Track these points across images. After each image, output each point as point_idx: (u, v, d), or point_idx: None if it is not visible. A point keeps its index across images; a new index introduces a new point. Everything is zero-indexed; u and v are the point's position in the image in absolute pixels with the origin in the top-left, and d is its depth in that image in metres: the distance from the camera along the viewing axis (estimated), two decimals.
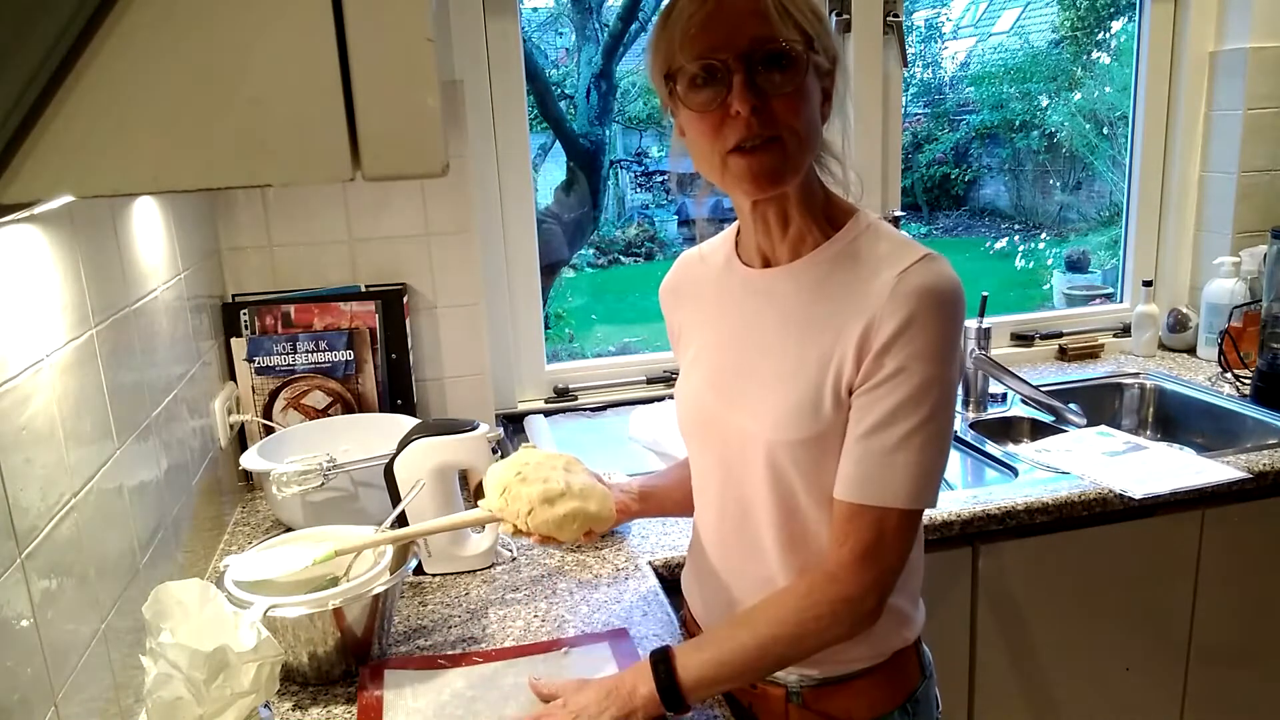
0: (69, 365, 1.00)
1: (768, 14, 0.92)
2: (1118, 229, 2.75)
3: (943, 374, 0.93)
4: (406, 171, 0.74)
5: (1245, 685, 1.82)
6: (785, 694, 1.08)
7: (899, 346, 0.93)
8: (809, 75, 0.94)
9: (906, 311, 0.92)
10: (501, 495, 1.17)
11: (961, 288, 0.95)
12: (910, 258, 0.95)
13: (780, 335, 1.02)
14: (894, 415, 0.93)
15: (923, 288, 0.93)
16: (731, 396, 1.06)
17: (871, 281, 0.95)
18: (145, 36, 0.68)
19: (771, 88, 0.93)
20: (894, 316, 0.93)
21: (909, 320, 0.92)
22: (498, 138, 1.95)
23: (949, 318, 0.94)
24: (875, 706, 1.07)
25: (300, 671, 1.14)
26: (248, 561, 1.20)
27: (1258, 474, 1.66)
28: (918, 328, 0.92)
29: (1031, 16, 7.35)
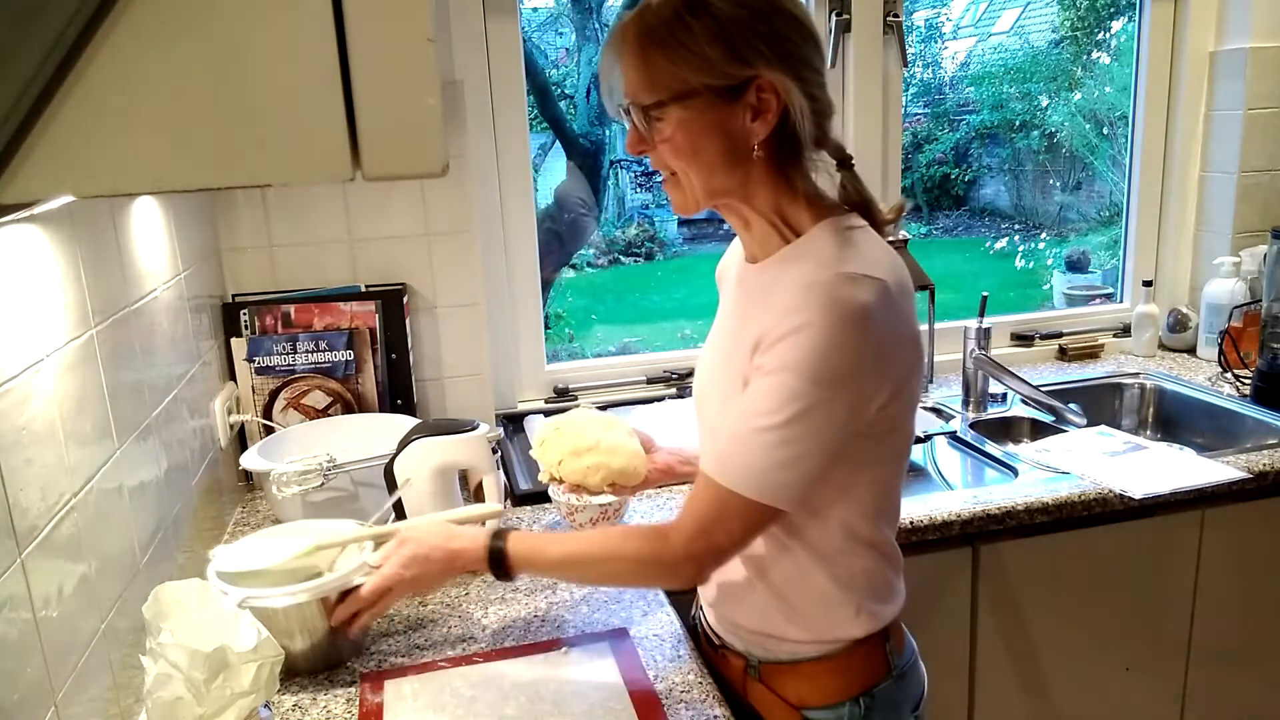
0: (69, 365, 1.00)
1: (632, 73, 0.99)
2: (1118, 229, 2.75)
3: (809, 384, 0.92)
4: (406, 171, 0.74)
5: (1245, 685, 1.82)
6: (744, 666, 1.14)
7: (779, 348, 0.94)
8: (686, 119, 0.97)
9: (798, 317, 0.93)
10: (541, 445, 1.34)
11: (867, 307, 0.93)
12: (831, 270, 0.95)
13: (736, 325, 1.08)
14: (753, 406, 0.96)
15: (820, 298, 0.93)
16: (710, 377, 1.13)
17: (795, 283, 0.96)
18: (145, 36, 0.68)
19: (654, 132, 1.00)
20: (788, 319, 0.94)
21: (796, 325, 0.93)
22: (498, 138, 1.95)
23: (834, 331, 0.92)
24: (825, 694, 1.09)
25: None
26: (233, 553, 1.21)
27: (1258, 474, 1.66)
28: (799, 334, 0.93)
29: (1031, 16, 7.35)
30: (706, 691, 1.11)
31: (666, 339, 5.80)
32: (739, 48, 0.94)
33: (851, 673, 1.09)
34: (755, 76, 0.95)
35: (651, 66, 0.97)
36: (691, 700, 1.09)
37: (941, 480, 1.83)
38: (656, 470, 1.35)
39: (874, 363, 0.95)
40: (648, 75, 0.97)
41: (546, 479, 1.35)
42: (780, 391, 0.94)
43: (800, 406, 0.93)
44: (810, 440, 0.95)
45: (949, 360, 2.19)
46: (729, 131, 0.98)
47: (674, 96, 0.96)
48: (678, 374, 2.15)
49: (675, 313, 6.30)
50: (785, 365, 0.93)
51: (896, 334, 0.97)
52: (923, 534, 1.50)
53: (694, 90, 0.96)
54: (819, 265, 0.96)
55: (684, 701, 1.09)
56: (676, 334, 5.94)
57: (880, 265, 0.97)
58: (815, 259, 0.98)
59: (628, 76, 0.99)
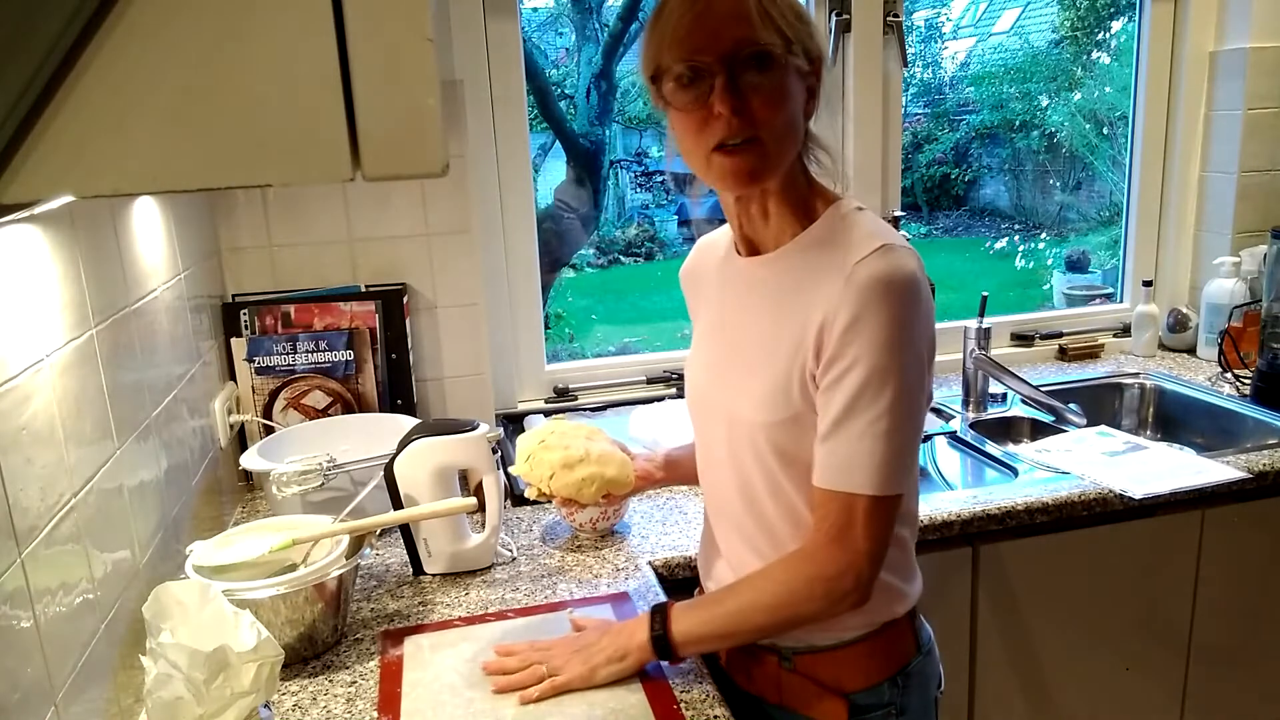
0: (69, 365, 1.00)
1: (749, 17, 0.96)
2: (1118, 229, 2.75)
3: (896, 362, 0.95)
4: (406, 171, 0.74)
5: (1245, 685, 1.82)
6: (778, 659, 1.12)
7: (851, 339, 0.95)
8: (789, 76, 0.98)
9: (856, 304, 0.95)
10: (526, 461, 1.32)
11: (916, 276, 0.96)
12: (867, 248, 0.97)
13: (760, 321, 1.07)
14: (853, 406, 0.96)
15: (872, 279, 0.95)
16: (722, 378, 1.11)
17: (832, 271, 0.98)
18: (145, 36, 0.68)
19: (751, 89, 0.96)
20: (845, 309, 0.95)
21: (859, 312, 0.95)
22: (498, 138, 1.95)
23: (900, 306, 0.95)
24: (865, 676, 1.09)
25: None
26: (211, 547, 1.23)
27: (1258, 474, 1.66)
28: (867, 319, 0.95)
29: (1031, 16, 7.35)
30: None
31: (666, 339, 5.80)
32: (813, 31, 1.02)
33: (889, 652, 1.10)
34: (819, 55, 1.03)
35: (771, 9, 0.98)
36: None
37: (941, 480, 1.83)
38: (637, 478, 1.35)
39: (930, 326, 1.00)
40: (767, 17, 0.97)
41: (534, 494, 1.33)
42: (872, 383, 0.95)
43: (894, 392, 0.95)
44: (912, 421, 0.98)
45: (949, 360, 2.19)
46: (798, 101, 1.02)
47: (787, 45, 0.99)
48: (677, 374, 2.15)
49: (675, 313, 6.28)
50: (867, 355, 0.95)
51: (930, 303, 1.01)
52: (923, 534, 1.50)
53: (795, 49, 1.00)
54: (853, 247, 0.98)
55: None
56: (676, 334, 5.93)
57: (899, 237, 1.00)
58: (845, 243, 0.99)
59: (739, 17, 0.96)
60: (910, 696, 1.11)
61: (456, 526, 1.40)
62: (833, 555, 0.99)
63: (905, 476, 0.99)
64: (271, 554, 1.22)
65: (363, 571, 1.43)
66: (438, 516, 1.35)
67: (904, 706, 1.10)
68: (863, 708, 1.09)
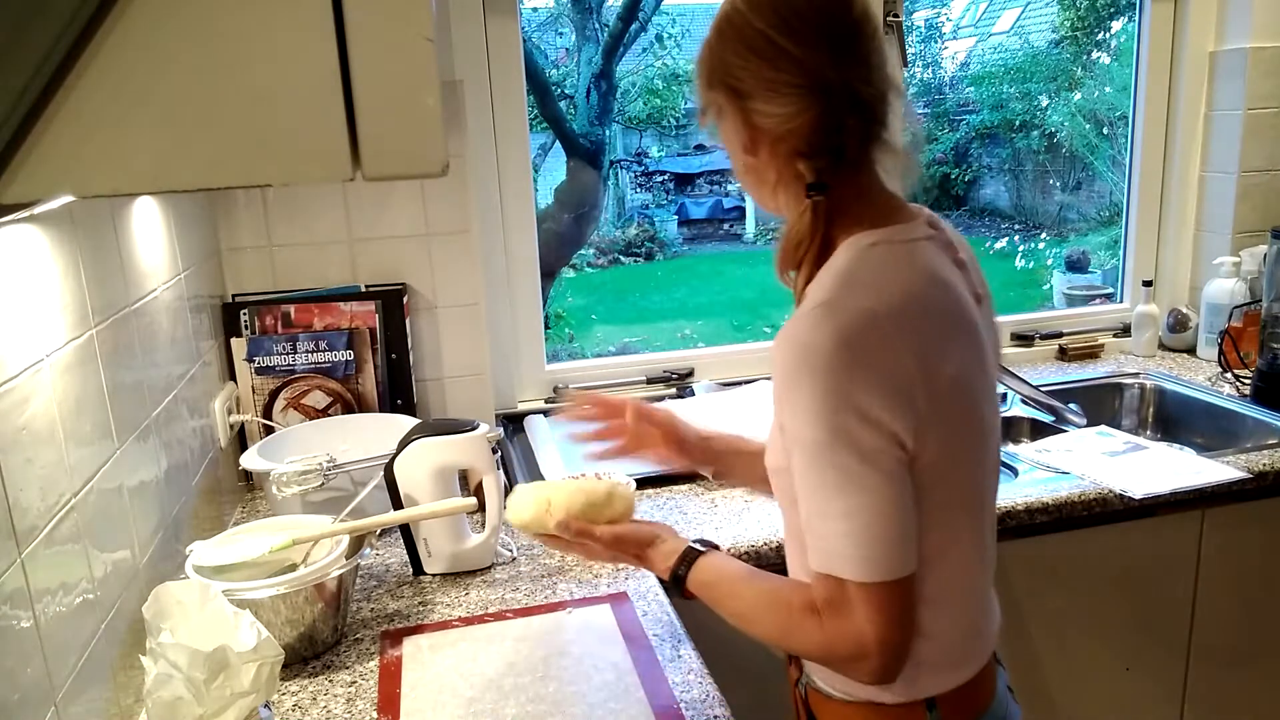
0: (69, 365, 1.00)
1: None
2: (1118, 229, 2.75)
3: (829, 438, 0.86)
4: (406, 171, 0.74)
5: (1245, 685, 1.82)
6: (797, 680, 1.10)
7: (782, 414, 0.90)
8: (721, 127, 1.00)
9: (778, 374, 0.90)
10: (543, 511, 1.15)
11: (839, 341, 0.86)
12: (807, 306, 0.90)
13: None
14: (808, 487, 0.90)
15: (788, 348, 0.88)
16: None
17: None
18: (145, 36, 0.68)
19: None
20: (775, 376, 0.91)
21: (779, 386, 0.90)
22: (498, 138, 1.95)
23: (806, 378, 0.86)
24: None
25: None
26: (211, 547, 1.23)
27: (1258, 474, 1.66)
28: (786, 394, 0.89)
29: (1031, 16, 7.35)
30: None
31: (666, 339, 5.80)
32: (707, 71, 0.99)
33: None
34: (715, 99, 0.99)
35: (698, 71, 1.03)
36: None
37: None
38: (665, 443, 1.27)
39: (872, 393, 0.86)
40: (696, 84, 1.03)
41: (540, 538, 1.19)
42: (815, 463, 0.87)
43: (840, 471, 0.86)
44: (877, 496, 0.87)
45: None
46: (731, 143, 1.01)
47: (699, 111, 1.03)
48: (677, 374, 2.16)
49: (675, 313, 6.31)
50: (800, 433, 0.88)
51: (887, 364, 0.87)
52: None
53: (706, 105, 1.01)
54: (809, 298, 0.92)
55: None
56: (676, 334, 5.94)
57: (881, 288, 0.90)
58: (812, 292, 0.93)
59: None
60: None
61: (456, 526, 1.40)
62: (841, 636, 0.90)
63: (897, 556, 0.88)
64: (271, 554, 1.22)
65: (363, 571, 1.43)
66: (438, 516, 1.35)
67: None
68: None
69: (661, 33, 5.32)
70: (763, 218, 7.04)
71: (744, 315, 6.20)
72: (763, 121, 0.94)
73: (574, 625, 1.26)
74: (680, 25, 5.45)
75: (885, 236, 0.94)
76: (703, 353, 2.24)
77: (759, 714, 1.51)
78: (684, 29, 5.55)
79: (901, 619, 0.89)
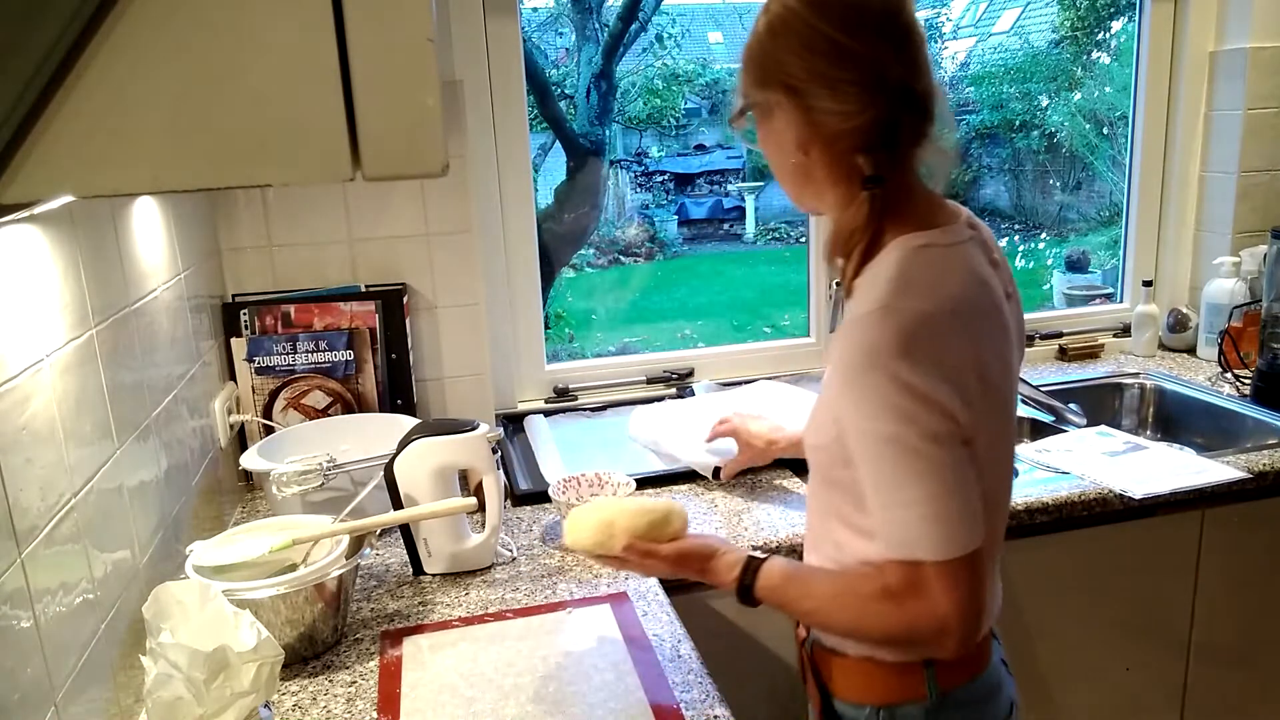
0: (69, 365, 1.00)
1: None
2: (1118, 229, 2.75)
3: (892, 430, 0.91)
4: (406, 171, 0.74)
5: (1245, 685, 1.82)
6: (803, 640, 1.15)
7: (844, 410, 0.95)
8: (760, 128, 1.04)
9: (840, 373, 0.94)
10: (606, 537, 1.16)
11: (904, 338, 0.90)
12: (865, 306, 0.94)
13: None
14: (880, 479, 0.94)
15: (852, 348, 0.93)
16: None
17: (846, 320, 0.96)
18: (145, 37, 0.68)
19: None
20: (835, 375, 0.95)
21: (842, 385, 0.94)
22: (498, 138, 1.95)
23: (872, 377, 0.91)
24: (848, 691, 1.08)
25: None
26: (211, 547, 1.23)
27: (1258, 474, 1.66)
28: (849, 392, 0.93)
29: (1031, 16, 7.35)
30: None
31: (666, 339, 5.80)
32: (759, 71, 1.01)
33: (880, 685, 1.06)
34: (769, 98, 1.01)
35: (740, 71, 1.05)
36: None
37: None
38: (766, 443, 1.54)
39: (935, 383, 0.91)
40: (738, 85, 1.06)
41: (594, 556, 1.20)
42: (886, 455, 0.92)
43: (911, 459, 0.91)
44: (948, 475, 0.92)
45: None
46: (776, 144, 1.03)
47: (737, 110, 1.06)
48: (677, 374, 2.16)
49: (675, 313, 6.30)
50: (864, 428, 0.93)
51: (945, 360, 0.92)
52: None
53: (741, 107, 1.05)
54: (866, 297, 0.95)
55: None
56: (676, 334, 5.94)
57: (933, 290, 0.94)
58: (869, 289, 0.96)
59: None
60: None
61: (456, 526, 1.40)
62: (918, 616, 0.95)
63: (970, 530, 0.93)
64: (271, 554, 1.22)
65: (363, 571, 1.43)
66: (438, 516, 1.35)
67: None
68: (837, 714, 1.09)
69: (661, 33, 5.33)
70: (763, 218, 7.05)
71: (744, 315, 6.20)
72: (823, 119, 0.97)
73: (574, 625, 1.26)
74: (680, 25, 5.45)
75: (933, 239, 0.98)
76: (703, 353, 2.24)
77: (759, 713, 1.52)
78: (684, 29, 5.55)
79: (976, 589, 0.94)
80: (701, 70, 6.12)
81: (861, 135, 0.96)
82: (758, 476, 1.69)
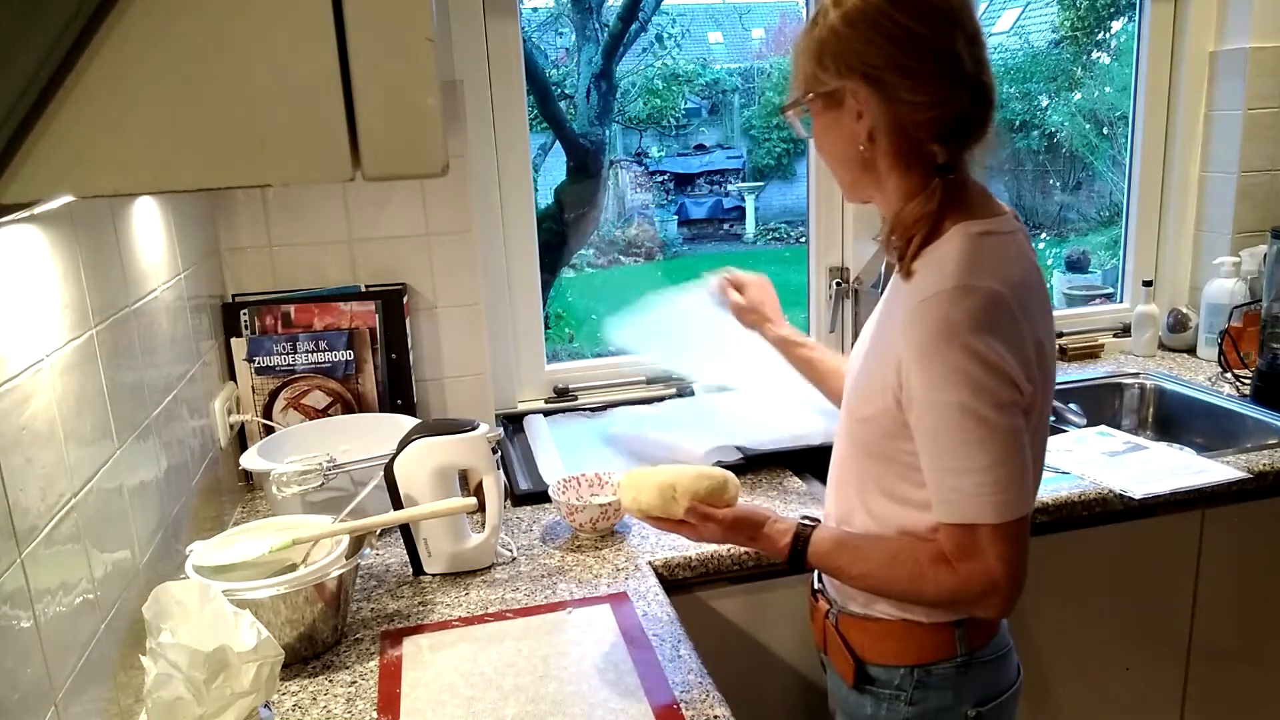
0: (69, 365, 1.00)
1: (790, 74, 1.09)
2: (1118, 229, 2.75)
3: (963, 400, 0.96)
4: (406, 171, 0.74)
5: (1245, 685, 1.82)
6: (827, 611, 1.21)
7: (919, 383, 0.99)
8: (819, 119, 1.07)
9: (917, 348, 0.98)
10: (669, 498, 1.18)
11: (979, 314, 0.96)
12: (940, 285, 0.98)
13: (877, 328, 1.13)
14: (942, 448, 0.99)
15: (929, 324, 0.97)
16: (853, 376, 1.16)
17: (914, 299, 1.00)
18: (145, 37, 0.68)
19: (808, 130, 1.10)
20: (910, 350, 0.99)
21: (919, 356, 0.98)
22: (498, 138, 1.95)
23: (951, 353, 0.96)
24: (880, 654, 1.14)
25: None
26: (211, 547, 1.24)
27: (1258, 474, 1.66)
28: (926, 364, 0.98)
29: (1031, 16, 7.35)
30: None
31: None
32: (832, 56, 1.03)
33: (911, 646, 1.12)
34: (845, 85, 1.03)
35: (800, 64, 1.07)
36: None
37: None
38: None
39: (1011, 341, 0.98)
40: (798, 78, 1.08)
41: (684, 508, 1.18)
42: (942, 418, 0.98)
43: (976, 427, 0.97)
44: (1009, 444, 0.98)
45: None
46: (840, 134, 1.06)
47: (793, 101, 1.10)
48: (677, 373, 2.15)
49: None
50: (935, 399, 0.97)
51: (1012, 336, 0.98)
52: None
53: (807, 94, 1.07)
54: (938, 275, 0.99)
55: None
56: None
57: (1000, 273, 0.99)
58: (934, 273, 1.00)
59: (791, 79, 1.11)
60: (928, 696, 1.12)
61: (456, 526, 1.40)
62: (971, 577, 1.01)
63: (1024, 496, 1.00)
64: (271, 554, 1.22)
65: (363, 571, 1.43)
66: (438, 516, 1.35)
67: (916, 700, 1.12)
68: (871, 678, 1.15)
69: (661, 33, 5.32)
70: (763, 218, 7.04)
71: None
72: (902, 108, 1.01)
73: (574, 625, 1.26)
74: (680, 25, 5.44)
75: (992, 227, 1.04)
76: None
77: (759, 713, 1.52)
78: (684, 29, 5.54)
79: (1024, 552, 1.01)
80: (701, 70, 6.11)
81: (937, 125, 1.01)
82: (758, 476, 1.69)
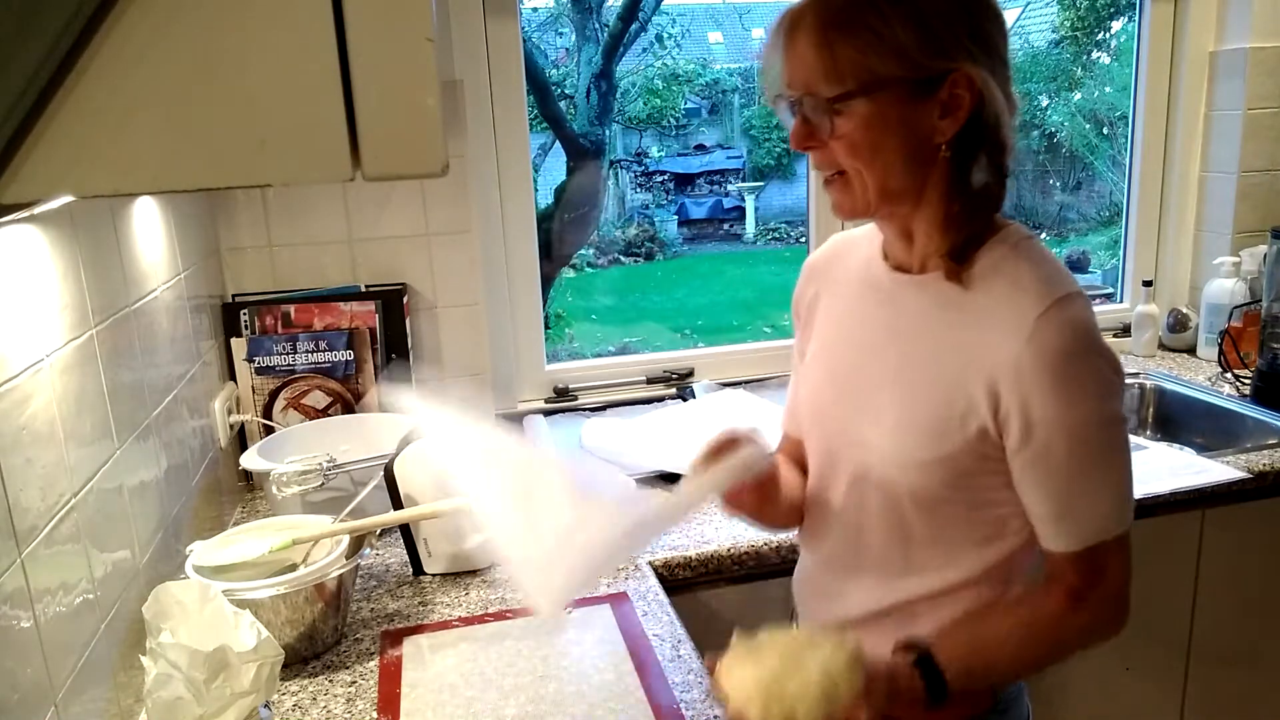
0: (69, 365, 1.00)
1: (815, 63, 0.90)
2: (1118, 229, 2.75)
3: (1101, 416, 0.92)
4: (406, 171, 0.74)
5: (1245, 685, 1.82)
6: None
7: (1056, 411, 0.90)
8: (872, 113, 0.90)
9: (1050, 373, 0.89)
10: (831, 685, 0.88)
11: (1092, 324, 0.92)
12: (1045, 299, 0.90)
13: (907, 347, 0.99)
14: (1079, 471, 0.92)
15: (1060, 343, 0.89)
16: (853, 399, 1.03)
17: (1008, 319, 0.91)
18: (145, 36, 0.68)
19: (830, 129, 0.91)
20: (1037, 376, 0.89)
21: (1055, 383, 0.89)
22: (498, 138, 1.95)
23: (1093, 366, 0.91)
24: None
25: None
26: (211, 547, 1.24)
27: (1258, 474, 1.66)
28: (1065, 389, 0.89)
29: (1031, 16, 7.34)
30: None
31: (666, 339, 5.80)
32: (941, 37, 0.88)
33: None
34: (952, 70, 0.88)
35: (836, 55, 0.88)
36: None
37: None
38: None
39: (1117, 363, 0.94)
40: (831, 64, 0.89)
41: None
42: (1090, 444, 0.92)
43: (1108, 442, 0.93)
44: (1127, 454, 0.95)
45: None
46: (915, 129, 0.91)
47: (861, 88, 0.88)
48: (677, 374, 2.15)
49: (675, 313, 6.30)
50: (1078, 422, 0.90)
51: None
52: None
53: (883, 82, 0.88)
54: (1029, 294, 0.91)
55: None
56: (676, 334, 5.94)
57: (1065, 274, 0.95)
58: (1018, 286, 0.92)
59: (804, 64, 0.90)
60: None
61: (456, 526, 1.39)
62: (1101, 601, 0.97)
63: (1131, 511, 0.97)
64: (271, 554, 1.22)
65: (363, 571, 1.43)
66: (438, 516, 1.35)
67: None
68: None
69: (661, 33, 5.32)
70: (763, 218, 7.05)
71: (744, 315, 6.19)
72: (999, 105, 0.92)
73: (574, 625, 1.26)
74: (680, 25, 5.45)
75: (1024, 232, 0.98)
76: (703, 353, 2.24)
77: None
78: (684, 29, 5.54)
79: (1130, 562, 0.97)
80: (701, 70, 6.12)
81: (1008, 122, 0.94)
82: None
